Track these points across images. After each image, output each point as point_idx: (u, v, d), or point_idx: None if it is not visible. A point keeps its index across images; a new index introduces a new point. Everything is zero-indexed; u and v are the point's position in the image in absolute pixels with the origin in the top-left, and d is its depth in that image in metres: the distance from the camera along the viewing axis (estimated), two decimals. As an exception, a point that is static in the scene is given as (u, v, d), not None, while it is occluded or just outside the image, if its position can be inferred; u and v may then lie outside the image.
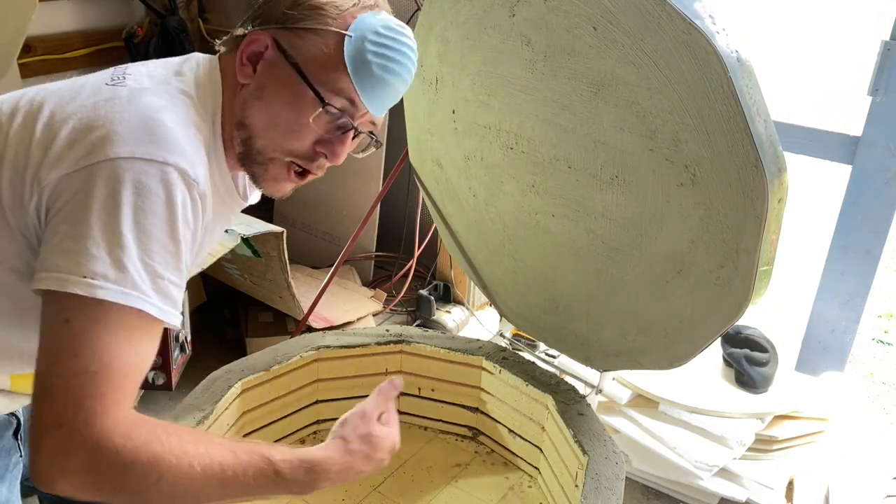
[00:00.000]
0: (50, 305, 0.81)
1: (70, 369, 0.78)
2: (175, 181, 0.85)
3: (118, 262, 0.81)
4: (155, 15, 2.90)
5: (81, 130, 0.85)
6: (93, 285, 0.79)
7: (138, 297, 0.81)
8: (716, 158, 1.14)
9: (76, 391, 0.78)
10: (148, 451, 0.80)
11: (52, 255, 0.82)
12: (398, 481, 1.46)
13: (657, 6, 1.11)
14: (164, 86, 0.93)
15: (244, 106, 0.99)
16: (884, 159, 1.99)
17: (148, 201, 0.83)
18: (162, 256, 0.84)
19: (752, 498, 1.84)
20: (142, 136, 0.84)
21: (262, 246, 2.18)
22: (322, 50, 0.96)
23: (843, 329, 2.19)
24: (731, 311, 1.22)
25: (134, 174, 0.82)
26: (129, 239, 0.82)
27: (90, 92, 0.91)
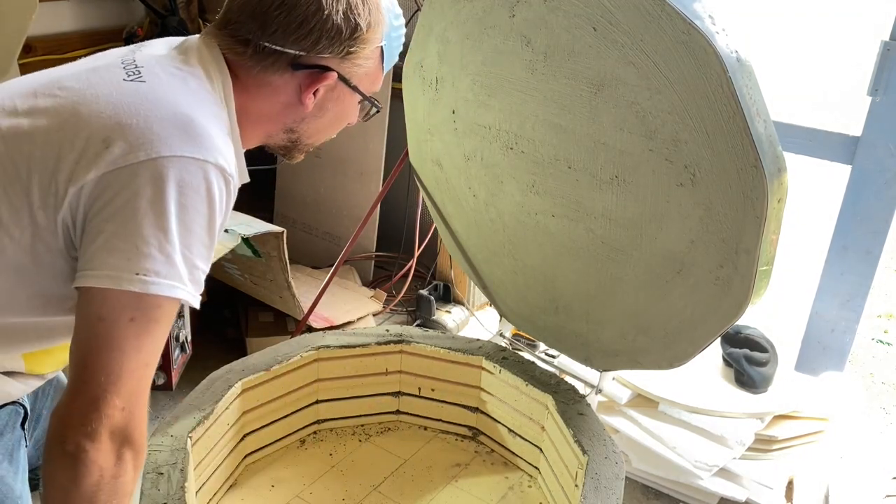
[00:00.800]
0: (98, 301, 0.86)
1: (136, 363, 0.88)
2: (214, 178, 0.90)
3: (167, 257, 0.87)
4: (155, 15, 2.90)
5: (115, 129, 0.88)
6: (146, 282, 0.86)
7: (181, 289, 0.89)
8: (716, 158, 1.14)
9: (139, 382, 0.88)
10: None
11: (101, 254, 0.86)
12: (398, 481, 1.46)
13: (657, 6, 1.11)
14: (182, 80, 0.96)
15: (301, 121, 1.09)
16: (884, 159, 1.99)
17: (190, 198, 0.88)
18: (199, 249, 0.90)
19: (752, 498, 1.84)
20: (180, 135, 0.89)
21: (262, 246, 2.18)
22: (371, 66, 1.09)
23: (842, 329, 2.19)
24: (731, 311, 1.22)
25: (177, 172, 0.87)
26: (174, 235, 0.87)
27: (112, 89, 0.93)
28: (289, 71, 1.02)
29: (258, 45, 1.00)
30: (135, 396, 0.89)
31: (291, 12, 0.99)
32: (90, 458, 0.85)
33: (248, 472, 1.46)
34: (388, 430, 1.60)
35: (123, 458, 0.88)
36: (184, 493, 1.14)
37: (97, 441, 0.85)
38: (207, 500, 1.34)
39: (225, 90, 1.00)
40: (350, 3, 1.02)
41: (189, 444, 1.24)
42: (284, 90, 1.04)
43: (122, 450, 0.87)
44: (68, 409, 0.86)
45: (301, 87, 1.04)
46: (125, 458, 0.88)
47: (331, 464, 1.49)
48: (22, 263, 0.92)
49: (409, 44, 1.56)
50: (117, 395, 0.86)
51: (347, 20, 1.02)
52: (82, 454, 0.84)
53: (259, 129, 1.07)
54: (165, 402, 2.29)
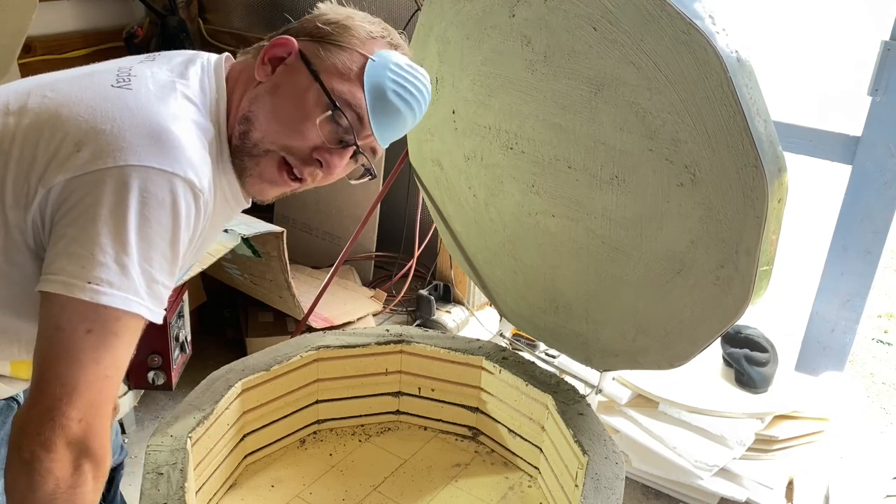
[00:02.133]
0: (56, 309, 0.85)
1: (94, 374, 0.85)
2: (181, 191, 0.88)
3: (123, 268, 0.85)
4: (155, 15, 2.90)
5: (88, 133, 0.87)
6: (98, 291, 0.84)
7: (137, 303, 0.86)
8: (716, 158, 1.14)
9: (98, 394, 0.86)
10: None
11: (60, 259, 0.85)
12: (398, 481, 1.46)
13: (657, 6, 1.11)
14: (170, 91, 0.94)
15: (253, 101, 1.01)
16: (884, 159, 1.99)
17: (153, 210, 0.86)
18: (160, 263, 0.88)
19: (752, 498, 1.84)
20: (151, 145, 0.87)
21: (262, 246, 2.18)
22: (345, 63, 1.01)
23: (842, 329, 2.19)
24: (731, 311, 1.22)
25: (141, 182, 0.85)
26: (133, 247, 0.85)
27: (96, 93, 0.92)
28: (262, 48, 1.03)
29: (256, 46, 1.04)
30: (94, 408, 0.86)
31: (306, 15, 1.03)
32: (45, 468, 0.83)
33: (248, 472, 1.46)
34: (388, 430, 1.60)
35: (81, 468, 0.86)
36: (184, 493, 1.14)
37: (52, 451, 0.83)
38: (207, 500, 1.34)
39: (218, 106, 0.99)
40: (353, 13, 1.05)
41: (189, 444, 1.24)
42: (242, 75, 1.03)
43: (80, 461, 0.86)
44: (26, 416, 0.85)
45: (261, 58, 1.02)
46: (83, 469, 0.86)
47: (331, 464, 1.49)
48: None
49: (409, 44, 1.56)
50: (73, 406, 0.84)
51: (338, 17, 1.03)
52: (37, 463, 0.83)
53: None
54: (165, 402, 2.29)
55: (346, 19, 1.03)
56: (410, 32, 1.56)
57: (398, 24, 2.64)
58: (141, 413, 2.26)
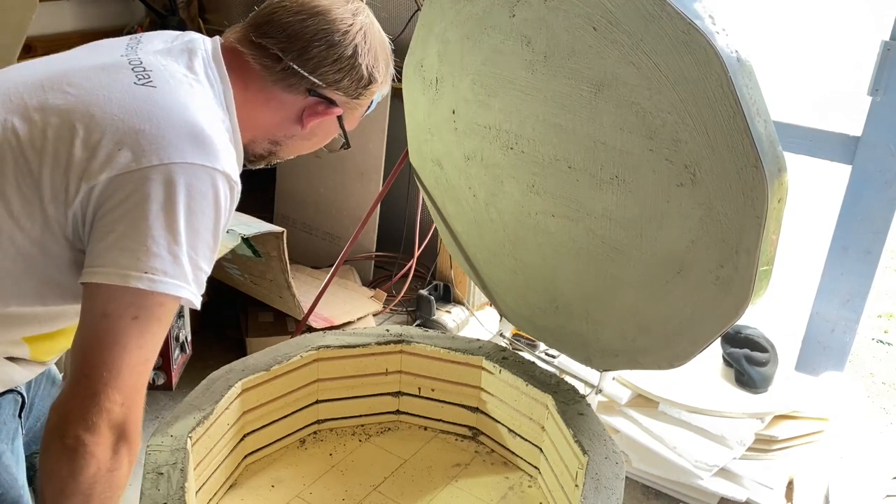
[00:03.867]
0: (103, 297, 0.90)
1: (137, 359, 0.91)
2: (221, 184, 0.95)
3: (175, 258, 0.91)
4: (155, 15, 2.90)
5: (128, 133, 0.92)
6: (154, 280, 0.90)
7: (186, 289, 0.93)
8: (716, 158, 1.14)
9: (138, 378, 0.92)
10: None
11: (111, 252, 0.90)
12: (398, 481, 1.46)
13: (657, 6, 1.11)
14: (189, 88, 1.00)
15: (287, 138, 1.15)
16: (884, 159, 1.99)
17: (198, 203, 0.93)
18: (203, 252, 0.95)
19: (752, 498, 1.84)
20: (190, 143, 0.93)
21: (262, 246, 2.18)
22: (360, 112, 1.19)
23: (842, 329, 2.19)
24: (731, 311, 1.22)
25: (187, 178, 0.91)
26: (183, 237, 0.91)
27: (123, 93, 0.96)
28: (303, 94, 1.10)
29: (288, 65, 1.07)
30: (134, 392, 0.91)
31: (331, 49, 1.08)
32: (89, 452, 0.87)
33: (248, 472, 1.46)
34: (388, 430, 1.60)
35: (119, 452, 0.90)
36: (184, 493, 1.14)
37: (96, 434, 0.87)
38: (207, 500, 1.34)
39: (226, 96, 1.05)
40: (377, 58, 1.14)
41: (189, 444, 1.24)
42: (290, 108, 1.11)
43: (118, 444, 0.90)
44: (69, 402, 0.88)
45: (306, 111, 1.12)
46: (121, 452, 0.90)
47: (331, 464, 1.49)
48: (30, 253, 0.95)
49: (409, 44, 1.56)
50: (118, 390, 0.89)
51: (370, 73, 1.13)
52: (81, 447, 0.87)
53: (247, 134, 1.11)
54: (165, 402, 2.29)
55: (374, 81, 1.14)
56: (410, 32, 1.56)
57: (398, 24, 2.65)
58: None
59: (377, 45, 1.13)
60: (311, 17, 1.07)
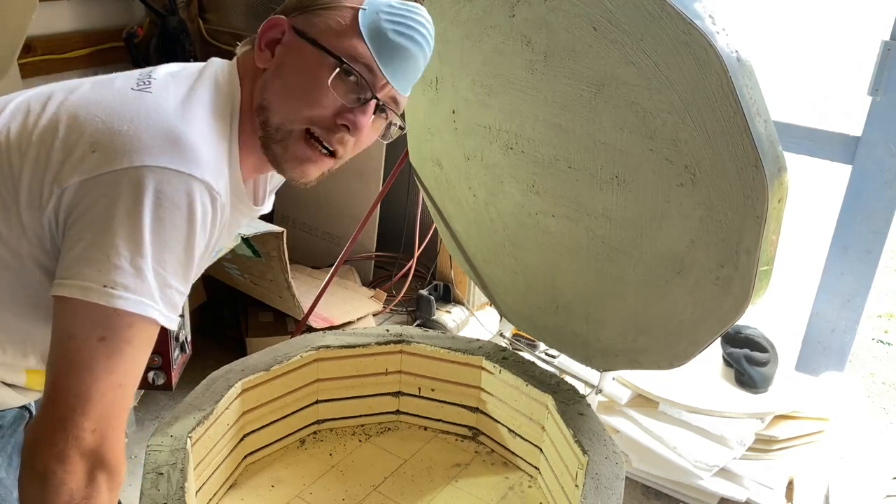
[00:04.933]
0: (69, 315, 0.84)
1: (107, 384, 0.84)
2: (197, 193, 0.86)
3: (138, 271, 0.84)
4: (155, 15, 2.90)
5: (105, 134, 0.86)
6: (112, 295, 0.83)
7: (150, 307, 0.85)
8: (716, 158, 1.14)
9: (111, 405, 0.85)
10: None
11: (77, 264, 0.84)
12: (398, 481, 1.46)
13: (657, 6, 1.11)
14: (188, 95, 0.94)
15: (262, 89, 0.99)
16: (884, 159, 1.99)
17: (169, 213, 0.84)
18: (174, 267, 0.87)
19: (752, 498, 1.84)
20: (167, 147, 0.85)
21: (262, 246, 2.18)
22: (338, 21, 0.98)
23: (843, 329, 2.19)
24: (731, 311, 1.22)
25: (157, 183, 0.84)
26: (147, 248, 0.84)
27: (115, 96, 0.91)
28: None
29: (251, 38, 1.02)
30: (107, 419, 0.85)
31: None
32: (59, 480, 0.82)
33: (248, 472, 1.46)
34: (388, 430, 1.60)
35: (96, 479, 0.85)
36: (184, 493, 1.14)
37: (66, 463, 0.82)
38: (207, 500, 1.34)
39: (233, 103, 0.98)
40: None
41: (189, 444, 1.24)
42: (248, 67, 1.01)
43: (94, 472, 0.85)
44: (38, 427, 0.84)
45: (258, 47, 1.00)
46: (98, 480, 0.85)
47: (331, 464, 1.49)
48: (10, 263, 0.91)
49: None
50: (86, 416, 0.83)
51: None
52: (51, 475, 0.82)
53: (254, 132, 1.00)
54: (165, 402, 2.29)
55: None
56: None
57: (398, 24, 2.64)
58: (141, 413, 2.26)
59: None
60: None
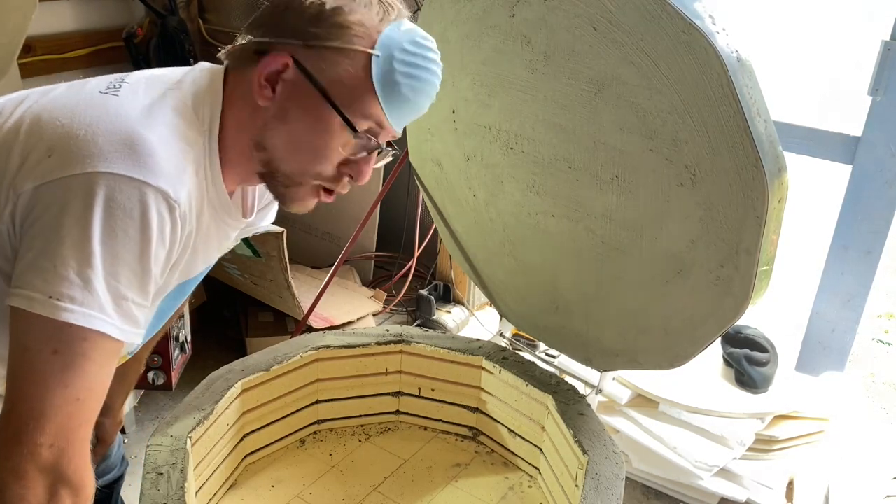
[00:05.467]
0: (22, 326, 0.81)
1: (62, 399, 0.80)
2: (152, 201, 0.82)
3: (87, 282, 0.80)
4: (155, 15, 2.90)
5: (62, 139, 0.82)
6: (58, 307, 0.79)
7: (101, 320, 0.81)
8: (716, 158, 1.14)
9: (69, 419, 0.81)
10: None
11: (27, 272, 0.81)
12: (398, 481, 1.46)
13: (657, 6, 1.11)
14: (158, 99, 0.89)
15: (265, 128, 0.94)
16: (884, 159, 1.99)
17: (120, 221, 0.81)
18: (127, 278, 0.83)
19: (752, 498, 1.84)
20: (123, 152, 0.81)
21: (262, 246, 2.18)
22: (349, 71, 0.91)
23: (843, 329, 2.19)
24: (731, 311, 1.22)
25: (108, 190, 0.80)
26: (97, 259, 0.80)
27: (81, 99, 0.87)
28: (254, 60, 0.92)
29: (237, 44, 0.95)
30: (65, 433, 0.81)
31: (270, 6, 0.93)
32: (16, 495, 0.79)
33: (248, 472, 1.46)
34: (388, 430, 1.60)
35: (58, 495, 0.81)
36: (184, 493, 1.14)
37: (22, 478, 0.79)
38: (207, 500, 1.34)
39: (213, 111, 0.93)
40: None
41: (189, 444, 1.24)
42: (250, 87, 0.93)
43: (55, 487, 0.81)
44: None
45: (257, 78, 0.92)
46: (60, 495, 0.81)
47: (331, 464, 1.49)
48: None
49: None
50: (40, 431, 0.79)
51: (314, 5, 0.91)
52: (8, 491, 0.79)
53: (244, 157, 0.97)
54: (165, 402, 2.29)
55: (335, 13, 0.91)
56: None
57: (398, 24, 2.64)
58: (141, 413, 2.26)
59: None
60: None
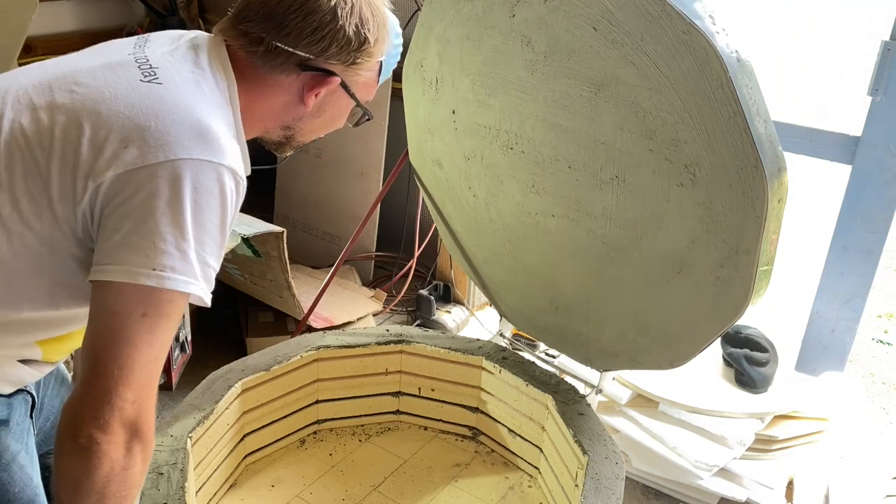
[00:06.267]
0: (112, 295, 0.90)
1: (147, 356, 0.91)
2: (227, 179, 0.95)
3: (183, 254, 0.91)
4: (155, 15, 2.90)
5: (133, 131, 0.92)
6: (162, 277, 0.90)
7: (195, 285, 0.92)
8: (716, 158, 1.14)
9: (149, 376, 0.92)
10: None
11: (119, 250, 0.90)
12: (398, 481, 1.46)
13: (657, 6, 1.11)
14: (195, 86, 1.00)
15: (298, 119, 1.12)
16: (884, 159, 1.99)
17: (205, 198, 0.93)
18: (211, 247, 0.95)
19: (752, 498, 1.84)
20: (196, 139, 0.93)
21: (262, 246, 2.18)
22: (369, 77, 1.14)
23: (843, 329, 2.19)
24: (731, 311, 1.22)
25: (193, 174, 0.92)
26: (190, 233, 0.91)
27: (129, 89, 0.97)
28: (296, 71, 1.06)
29: (271, 45, 1.04)
30: (145, 390, 0.91)
31: (308, 17, 1.03)
32: (102, 450, 0.87)
33: (248, 472, 1.46)
34: (388, 430, 1.60)
35: (133, 450, 0.90)
36: (184, 493, 1.14)
37: (109, 433, 0.87)
38: (207, 500, 1.34)
39: (230, 91, 1.04)
40: (362, 17, 1.07)
41: (189, 444, 1.24)
42: (288, 89, 1.08)
43: (131, 442, 0.90)
44: (81, 401, 0.89)
45: (304, 88, 1.08)
46: (134, 450, 0.90)
47: (331, 464, 1.49)
48: (40, 254, 0.95)
49: (409, 44, 1.56)
50: (129, 387, 0.89)
51: (358, 33, 1.07)
52: (94, 446, 0.87)
53: (258, 125, 1.11)
54: (165, 402, 2.29)
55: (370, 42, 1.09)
56: (410, 32, 1.56)
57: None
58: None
59: (363, 2, 1.07)
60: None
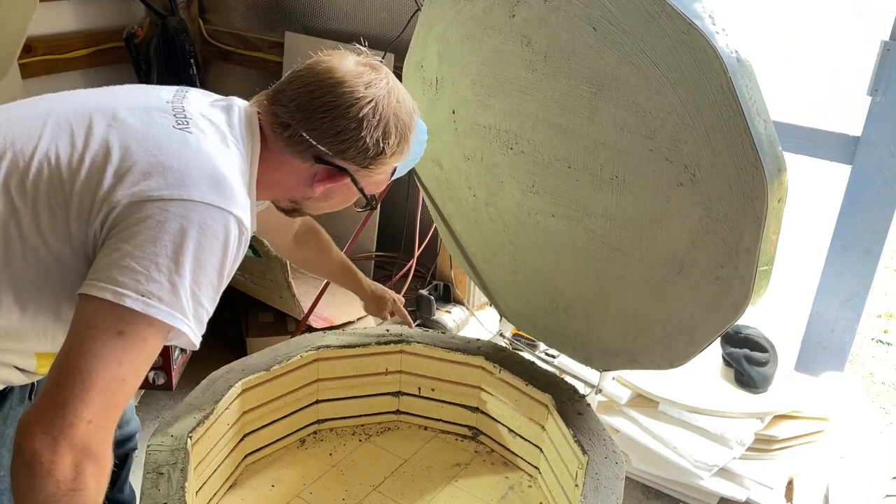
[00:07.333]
0: (92, 309, 0.91)
1: (113, 375, 0.89)
2: (233, 227, 0.99)
3: (174, 287, 0.93)
4: (155, 15, 2.90)
5: (156, 166, 0.98)
6: (149, 304, 0.91)
7: (182, 320, 0.94)
8: (716, 158, 1.14)
9: (111, 397, 0.90)
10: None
11: (112, 270, 0.92)
12: (398, 481, 1.46)
13: (657, 6, 1.11)
14: (223, 140, 1.07)
15: (306, 199, 1.19)
16: (884, 159, 1.99)
17: (208, 241, 0.96)
18: (207, 290, 0.98)
19: (752, 498, 1.84)
20: (211, 186, 0.98)
21: (262, 246, 2.18)
22: (382, 177, 1.21)
23: (842, 329, 2.19)
24: (731, 311, 1.22)
25: (201, 217, 0.96)
26: (187, 271, 0.94)
27: (161, 133, 1.03)
28: (311, 161, 1.13)
29: (295, 132, 1.11)
30: (105, 411, 0.88)
31: (335, 121, 1.10)
32: (46, 469, 0.84)
33: (248, 472, 1.46)
34: (388, 430, 1.61)
35: (84, 472, 0.87)
36: (184, 493, 1.14)
37: (54, 452, 0.85)
38: (207, 500, 1.34)
39: (253, 155, 1.11)
40: (386, 131, 1.14)
41: (189, 444, 1.24)
42: (302, 173, 1.15)
43: (82, 463, 0.86)
44: (35, 412, 0.87)
45: (316, 177, 1.15)
46: (86, 472, 0.87)
47: (331, 464, 1.50)
48: (50, 267, 0.98)
49: (409, 44, 1.56)
50: (86, 404, 0.86)
51: (377, 144, 1.13)
52: (38, 464, 0.84)
53: (269, 192, 1.18)
54: (165, 402, 2.29)
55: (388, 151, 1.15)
56: (410, 32, 1.56)
57: (398, 24, 2.65)
58: (141, 413, 2.26)
59: (390, 117, 1.13)
60: (320, 88, 1.11)
